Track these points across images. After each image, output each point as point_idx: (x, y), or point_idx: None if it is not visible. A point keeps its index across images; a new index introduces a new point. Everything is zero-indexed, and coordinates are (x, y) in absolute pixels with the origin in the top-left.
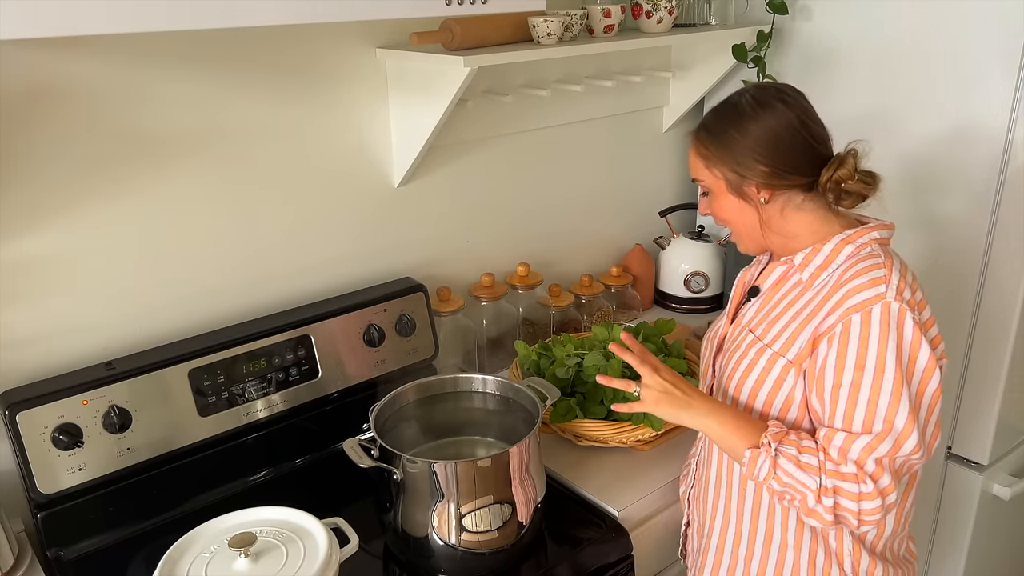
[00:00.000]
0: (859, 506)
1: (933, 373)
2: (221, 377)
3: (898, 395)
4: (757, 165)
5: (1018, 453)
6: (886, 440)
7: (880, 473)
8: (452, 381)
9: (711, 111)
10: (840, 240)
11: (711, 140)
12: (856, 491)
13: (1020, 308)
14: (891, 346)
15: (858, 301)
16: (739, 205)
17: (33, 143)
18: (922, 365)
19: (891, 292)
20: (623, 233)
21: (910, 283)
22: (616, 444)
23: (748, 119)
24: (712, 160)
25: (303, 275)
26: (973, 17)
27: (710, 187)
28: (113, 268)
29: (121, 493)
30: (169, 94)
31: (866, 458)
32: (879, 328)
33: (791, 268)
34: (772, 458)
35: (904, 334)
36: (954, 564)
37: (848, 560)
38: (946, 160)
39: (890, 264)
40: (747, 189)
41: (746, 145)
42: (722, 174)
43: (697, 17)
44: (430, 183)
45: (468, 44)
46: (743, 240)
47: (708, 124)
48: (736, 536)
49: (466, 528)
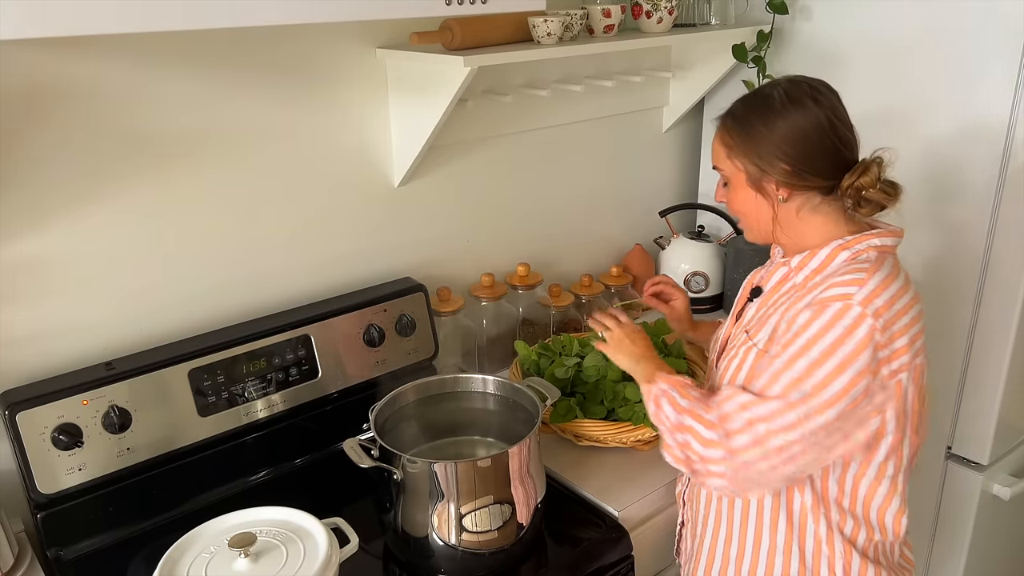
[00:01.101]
0: (705, 452)
1: (863, 379)
2: (221, 377)
3: (805, 376)
4: (779, 162)
5: (1018, 453)
6: (766, 404)
7: (739, 430)
8: (452, 381)
9: (741, 100)
10: (836, 246)
11: (737, 130)
12: (706, 437)
13: (1020, 308)
14: (827, 339)
15: (826, 296)
16: (756, 199)
17: (33, 143)
18: (856, 366)
19: (858, 296)
20: (623, 233)
21: (894, 292)
22: (616, 444)
23: (777, 114)
24: (735, 150)
25: (303, 275)
26: (973, 17)
27: (729, 177)
28: (113, 268)
29: (121, 493)
30: (169, 94)
31: (736, 413)
32: (827, 320)
33: (790, 271)
34: (656, 396)
35: (847, 341)
36: (954, 564)
37: (840, 563)
38: (946, 160)
39: (874, 271)
40: (766, 185)
41: (771, 141)
42: (743, 166)
43: (697, 17)
44: (430, 183)
45: (468, 44)
46: (752, 231)
47: (736, 113)
48: (727, 537)
49: (466, 528)
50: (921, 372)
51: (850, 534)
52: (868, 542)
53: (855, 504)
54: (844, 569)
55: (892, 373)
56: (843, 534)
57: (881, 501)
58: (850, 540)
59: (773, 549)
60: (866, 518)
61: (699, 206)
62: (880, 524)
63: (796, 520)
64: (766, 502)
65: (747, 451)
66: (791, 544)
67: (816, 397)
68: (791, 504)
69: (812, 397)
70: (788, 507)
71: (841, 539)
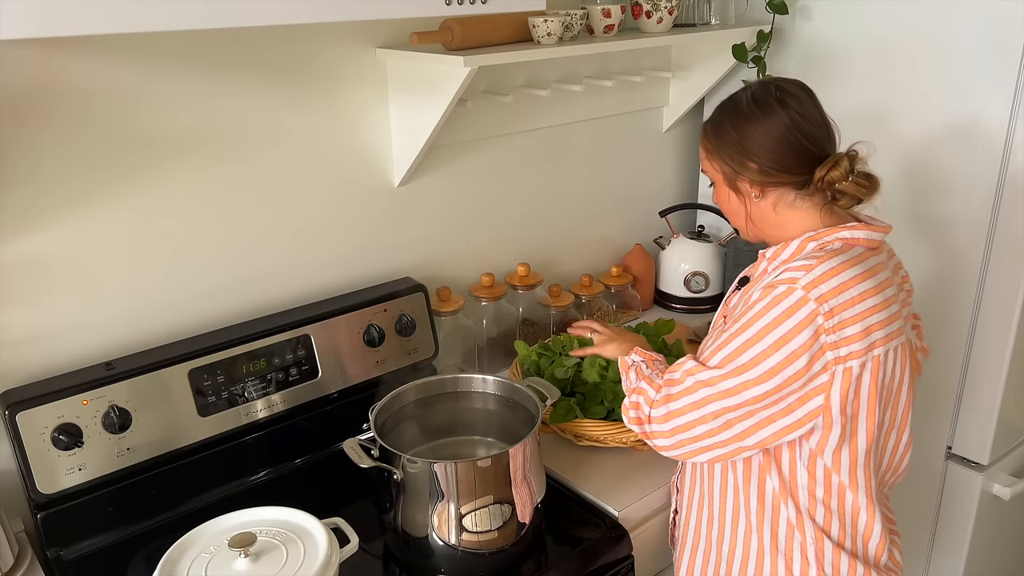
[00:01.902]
0: (650, 412)
1: (777, 372)
2: (221, 377)
3: (744, 348)
4: (747, 162)
5: (1018, 453)
6: (707, 371)
7: (681, 393)
8: (452, 381)
9: (719, 105)
10: (806, 238)
11: (712, 134)
12: (652, 397)
13: (1020, 308)
14: (767, 318)
15: (773, 281)
16: (735, 198)
17: (33, 143)
18: (790, 347)
19: (803, 280)
20: (623, 233)
21: (845, 279)
22: (616, 444)
23: (743, 118)
24: (712, 154)
25: (303, 275)
26: (973, 17)
27: (712, 178)
28: (113, 268)
29: (121, 493)
30: (168, 94)
31: (681, 377)
32: (769, 301)
33: (766, 262)
34: (627, 366)
35: (786, 321)
36: (954, 564)
37: (812, 549)
38: (946, 160)
39: (827, 258)
40: (740, 184)
41: (739, 142)
42: (719, 167)
43: (697, 17)
44: (430, 183)
45: (468, 44)
46: (740, 229)
47: (713, 118)
48: (709, 519)
49: (466, 528)
50: (882, 365)
51: (822, 522)
52: (844, 535)
53: (829, 495)
54: (816, 555)
55: (839, 359)
56: (814, 521)
57: (852, 498)
58: (823, 528)
59: (749, 530)
60: (840, 512)
61: (699, 206)
62: (853, 521)
63: (768, 503)
64: (740, 484)
65: (687, 412)
66: (763, 526)
67: (753, 369)
68: (763, 486)
69: (749, 368)
70: (760, 489)
71: (812, 525)
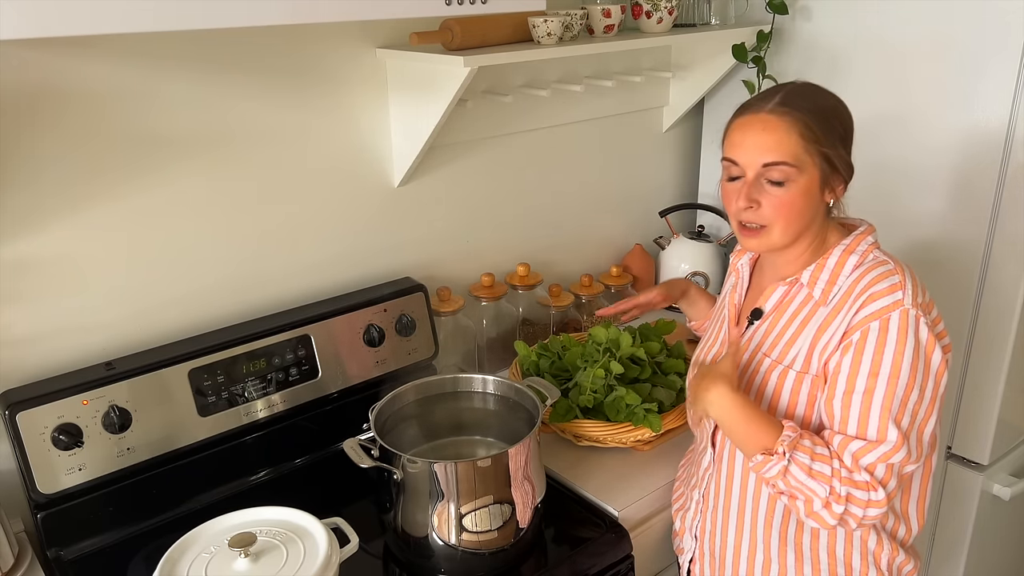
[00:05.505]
0: (865, 512)
1: (943, 376)
2: (221, 377)
3: (907, 402)
4: (846, 159)
5: (1018, 453)
6: (900, 450)
7: (889, 479)
8: (452, 381)
9: (796, 94)
10: (842, 252)
11: (816, 124)
12: (866, 498)
13: (1020, 308)
14: (908, 353)
15: (877, 308)
16: (811, 197)
17: (34, 144)
18: (935, 367)
19: (907, 299)
20: (623, 233)
21: (921, 285)
22: (616, 444)
23: (845, 114)
24: (821, 142)
25: (303, 275)
26: (973, 17)
27: (789, 173)
28: (113, 268)
29: (121, 493)
30: (169, 95)
31: (879, 466)
32: (896, 334)
33: (796, 287)
34: (784, 465)
35: (920, 339)
36: (954, 564)
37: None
38: (946, 160)
39: (900, 269)
40: (834, 181)
41: (845, 138)
42: (817, 161)
43: (697, 17)
44: (430, 183)
45: (468, 44)
46: (773, 235)
47: (805, 106)
48: (765, 564)
49: (466, 528)
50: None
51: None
52: (879, 548)
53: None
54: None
55: (945, 348)
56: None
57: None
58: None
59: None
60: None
61: (699, 206)
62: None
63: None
64: (772, 494)
65: (896, 491)
66: (818, 561)
67: (919, 414)
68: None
69: (917, 416)
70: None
71: (860, 554)
